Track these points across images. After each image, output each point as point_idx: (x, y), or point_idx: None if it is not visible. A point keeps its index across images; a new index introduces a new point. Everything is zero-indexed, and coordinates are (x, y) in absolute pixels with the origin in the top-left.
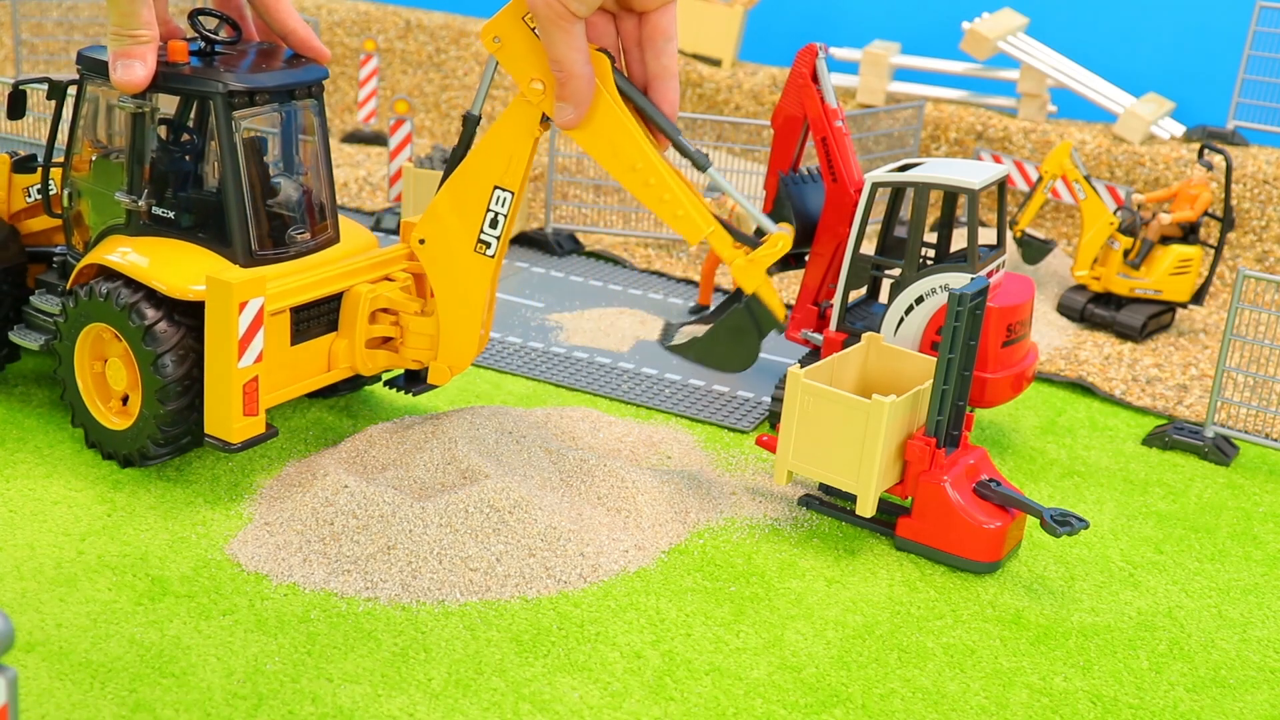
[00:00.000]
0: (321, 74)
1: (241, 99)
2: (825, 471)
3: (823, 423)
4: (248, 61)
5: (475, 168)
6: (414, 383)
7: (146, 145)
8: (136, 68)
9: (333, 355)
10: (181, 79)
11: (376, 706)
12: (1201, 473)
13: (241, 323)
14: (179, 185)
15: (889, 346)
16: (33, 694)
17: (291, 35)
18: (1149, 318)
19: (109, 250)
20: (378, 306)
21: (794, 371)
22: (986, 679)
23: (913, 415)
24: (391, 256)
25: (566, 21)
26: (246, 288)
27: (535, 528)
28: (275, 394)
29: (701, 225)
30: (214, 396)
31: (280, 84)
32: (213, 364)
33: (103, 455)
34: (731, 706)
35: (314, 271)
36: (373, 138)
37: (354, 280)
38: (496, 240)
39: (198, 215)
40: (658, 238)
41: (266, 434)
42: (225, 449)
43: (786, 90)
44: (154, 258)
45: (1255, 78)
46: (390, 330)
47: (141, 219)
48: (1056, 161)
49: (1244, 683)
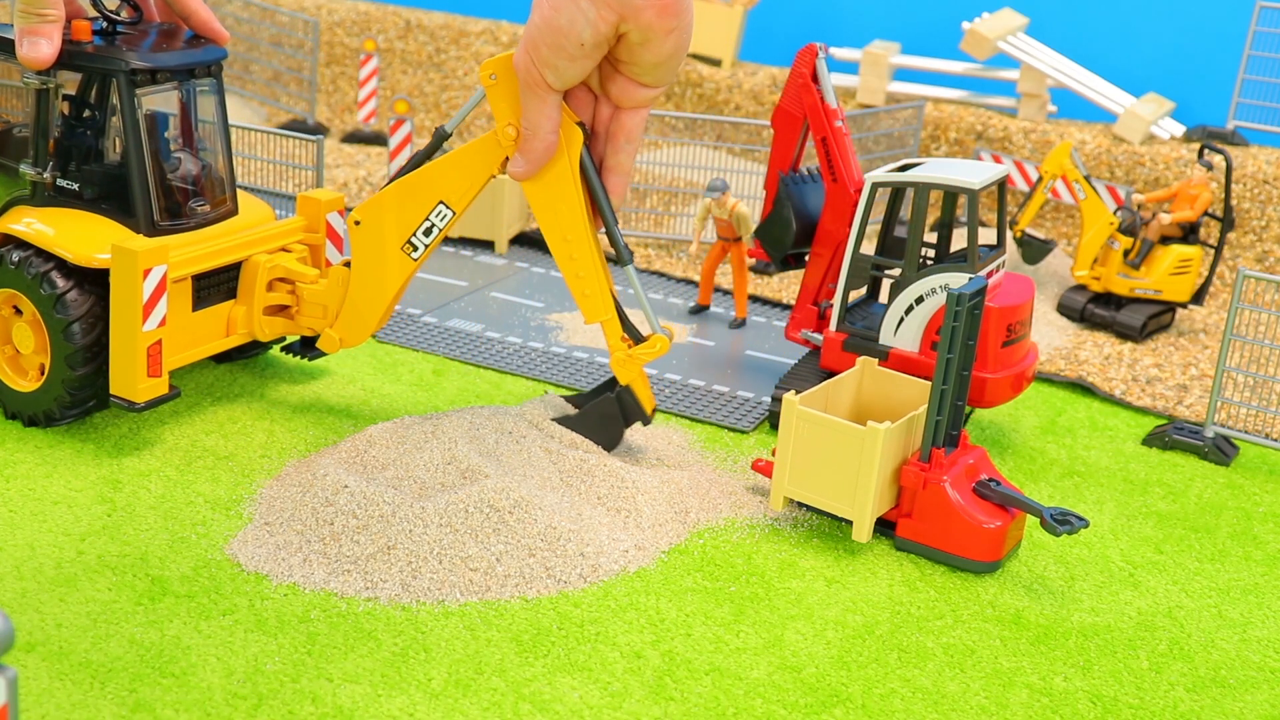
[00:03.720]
0: (220, 54)
1: (144, 77)
2: (821, 497)
3: (818, 449)
4: (149, 41)
5: (430, 178)
6: (308, 349)
7: (51, 120)
8: (43, 45)
9: (232, 321)
10: (85, 57)
11: (376, 706)
12: (1201, 473)
13: (145, 288)
14: (83, 158)
15: (884, 371)
16: (33, 694)
17: (193, 16)
18: (1149, 318)
19: (15, 220)
20: (275, 276)
21: (789, 398)
22: (986, 679)
23: (907, 441)
24: (288, 229)
25: (542, 90)
26: (150, 255)
27: (535, 528)
28: (177, 357)
29: (601, 311)
30: (119, 359)
31: (181, 63)
32: (118, 328)
33: (5, 415)
34: (731, 706)
35: (214, 241)
36: (373, 138)
37: (252, 250)
38: (425, 247)
39: (101, 187)
40: (657, 238)
41: (169, 395)
42: (130, 408)
43: (786, 90)
44: (59, 228)
45: (1255, 78)
46: (286, 299)
47: (47, 190)
48: (1056, 161)
49: (1244, 683)
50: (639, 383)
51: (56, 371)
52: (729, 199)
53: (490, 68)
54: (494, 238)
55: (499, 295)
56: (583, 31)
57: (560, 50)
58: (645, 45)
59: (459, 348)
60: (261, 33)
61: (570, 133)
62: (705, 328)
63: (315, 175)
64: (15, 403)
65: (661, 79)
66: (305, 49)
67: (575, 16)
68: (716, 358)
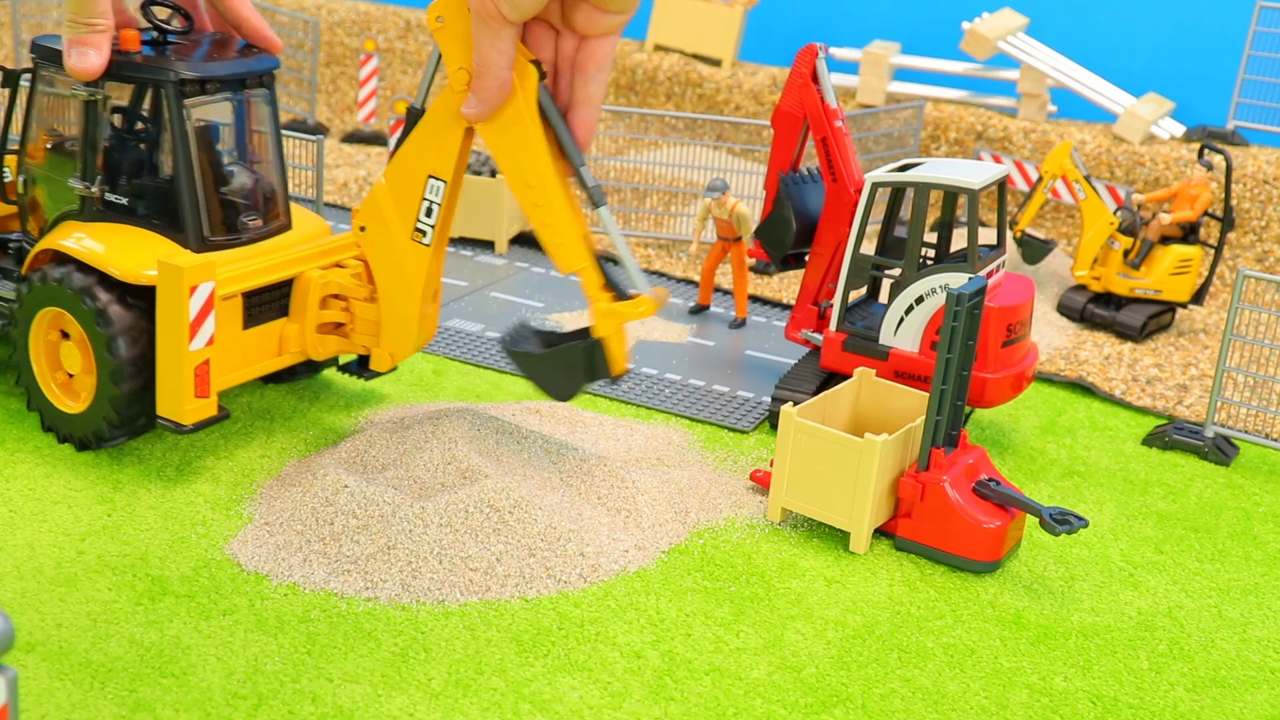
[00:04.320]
0: (273, 64)
1: (193, 87)
2: (819, 508)
3: (816, 461)
4: (200, 51)
5: (410, 157)
6: (366, 368)
7: (100, 133)
8: (91, 56)
9: (284, 340)
10: (134, 67)
11: (376, 706)
12: (1201, 473)
13: (192, 306)
14: (132, 172)
15: (881, 382)
16: (33, 694)
17: (244, 25)
18: (1149, 318)
19: (63, 236)
20: (328, 292)
21: (787, 410)
22: (986, 679)
23: (905, 452)
24: (342, 243)
25: (496, 22)
26: (197, 272)
27: (535, 528)
28: (227, 377)
29: (575, 259)
30: (166, 379)
31: (231, 73)
32: (164, 347)
33: (59, 439)
34: (731, 706)
35: (266, 257)
36: (373, 138)
37: (305, 266)
38: (432, 229)
39: (151, 201)
40: (657, 238)
41: (218, 416)
42: (177, 430)
43: (786, 90)
44: (108, 243)
45: (1255, 78)
46: (340, 316)
47: (95, 205)
48: (1056, 161)
49: (1244, 683)
50: (615, 339)
51: (102, 389)
52: (729, 199)
53: (436, 9)
54: (494, 238)
55: (499, 295)
56: None
57: None
58: None
59: (459, 348)
60: None
61: (524, 71)
62: (705, 328)
63: (315, 175)
64: (66, 425)
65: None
66: (305, 49)
67: None
68: (716, 358)
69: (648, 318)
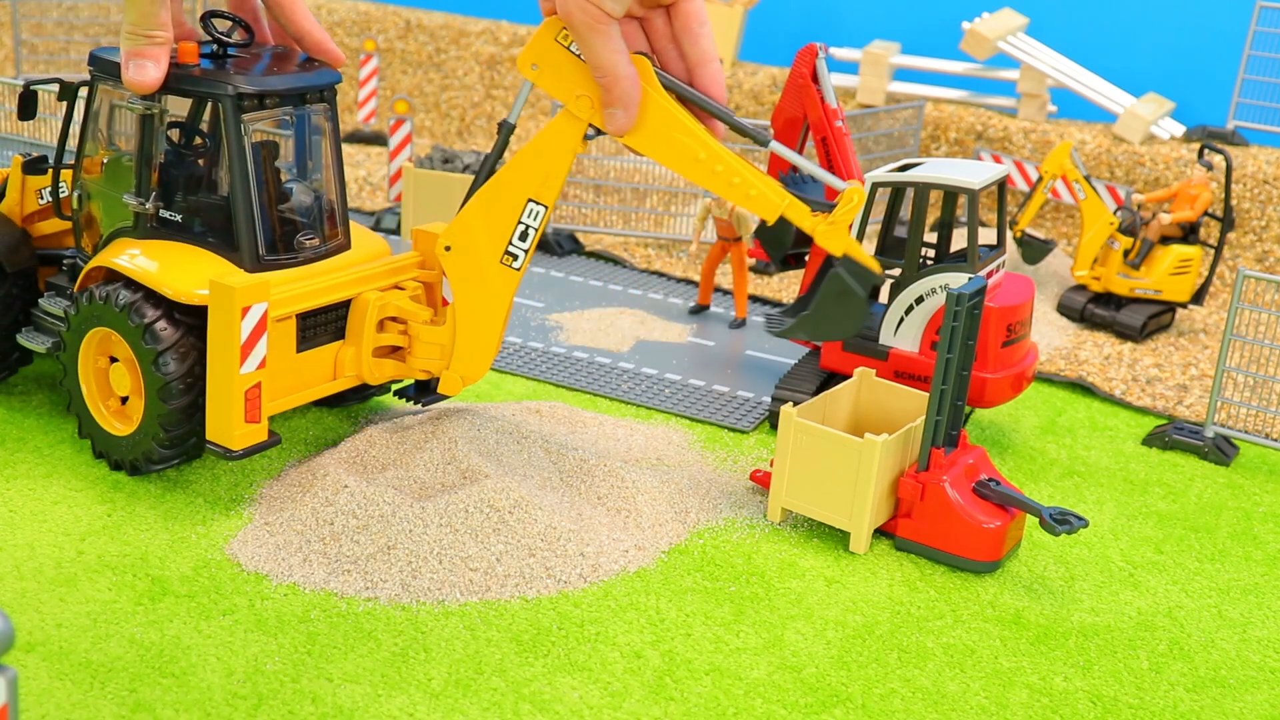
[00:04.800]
0: (334, 78)
1: (251, 102)
2: (819, 509)
3: (816, 461)
4: (260, 65)
5: (511, 179)
6: (424, 393)
7: (155, 147)
8: (150, 68)
9: (339, 363)
10: (191, 81)
11: (376, 706)
12: (1201, 473)
13: (244, 328)
14: (188, 188)
15: (881, 381)
16: (33, 694)
17: (306, 38)
18: (1149, 318)
19: (116, 253)
20: (386, 315)
21: (787, 410)
22: (986, 679)
23: (905, 452)
24: (402, 264)
25: (603, 24)
26: (249, 292)
27: (535, 528)
28: (279, 401)
29: (776, 201)
30: (215, 402)
31: (291, 87)
32: (215, 369)
33: (110, 465)
34: (731, 706)
35: (322, 278)
36: (373, 138)
37: (363, 287)
38: (524, 254)
39: (206, 219)
40: (657, 237)
41: (269, 441)
42: (227, 456)
43: (786, 90)
44: (161, 261)
45: (1255, 78)
46: (398, 339)
47: (150, 222)
48: (1056, 161)
49: (1244, 683)
50: (853, 247)
51: (151, 408)
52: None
53: (528, 58)
54: None
55: None
56: None
57: None
58: None
59: None
60: None
61: (639, 63)
62: (705, 328)
63: None
64: (116, 450)
65: None
66: None
67: None
68: (716, 358)
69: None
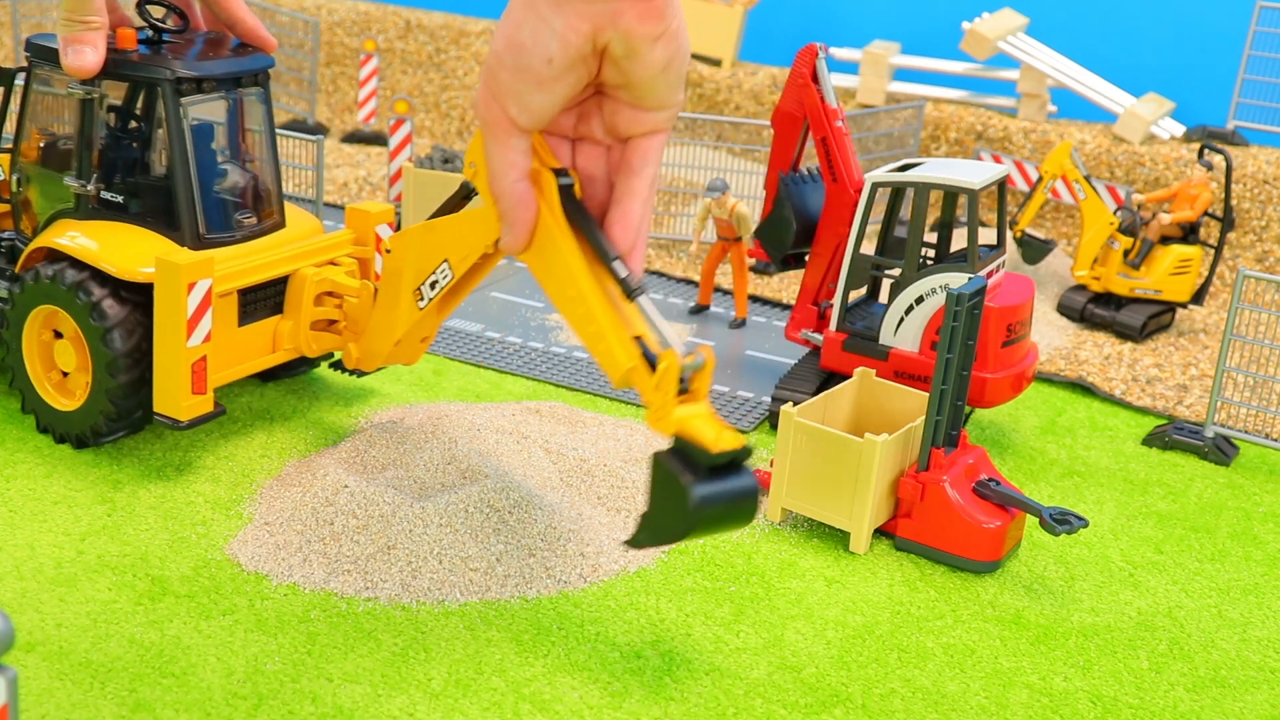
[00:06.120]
0: (267, 62)
1: (189, 86)
2: (819, 509)
3: (816, 461)
4: (195, 49)
5: (443, 232)
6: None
7: (95, 131)
8: (87, 53)
9: (278, 337)
10: (130, 66)
11: (376, 706)
12: (1201, 473)
13: (190, 303)
14: (127, 170)
15: (881, 382)
16: (33, 694)
17: (239, 24)
18: (1149, 318)
19: (58, 234)
20: (322, 289)
21: (787, 410)
22: (986, 679)
23: (905, 452)
24: (336, 241)
25: (503, 129)
26: (195, 269)
27: (535, 528)
28: (222, 374)
29: (623, 362)
30: (163, 375)
31: (227, 72)
32: (162, 343)
33: (55, 439)
34: (731, 706)
35: (261, 255)
36: (373, 138)
37: (300, 264)
38: (429, 299)
39: (146, 199)
40: (657, 238)
41: (215, 412)
42: (174, 426)
43: (786, 90)
44: (103, 241)
45: (1255, 78)
46: (334, 313)
47: (90, 203)
48: (1056, 161)
49: (1244, 683)
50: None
51: (99, 382)
52: (729, 199)
53: (469, 157)
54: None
55: (499, 295)
56: (549, 46)
57: (525, 73)
58: (632, 58)
59: (459, 348)
60: None
61: (543, 179)
62: (705, 328)
63: (315, 175)
64: (62, 424)
65: (665, 98)
66: (305, 49)
67: (539, 29)
68: (717, 358)
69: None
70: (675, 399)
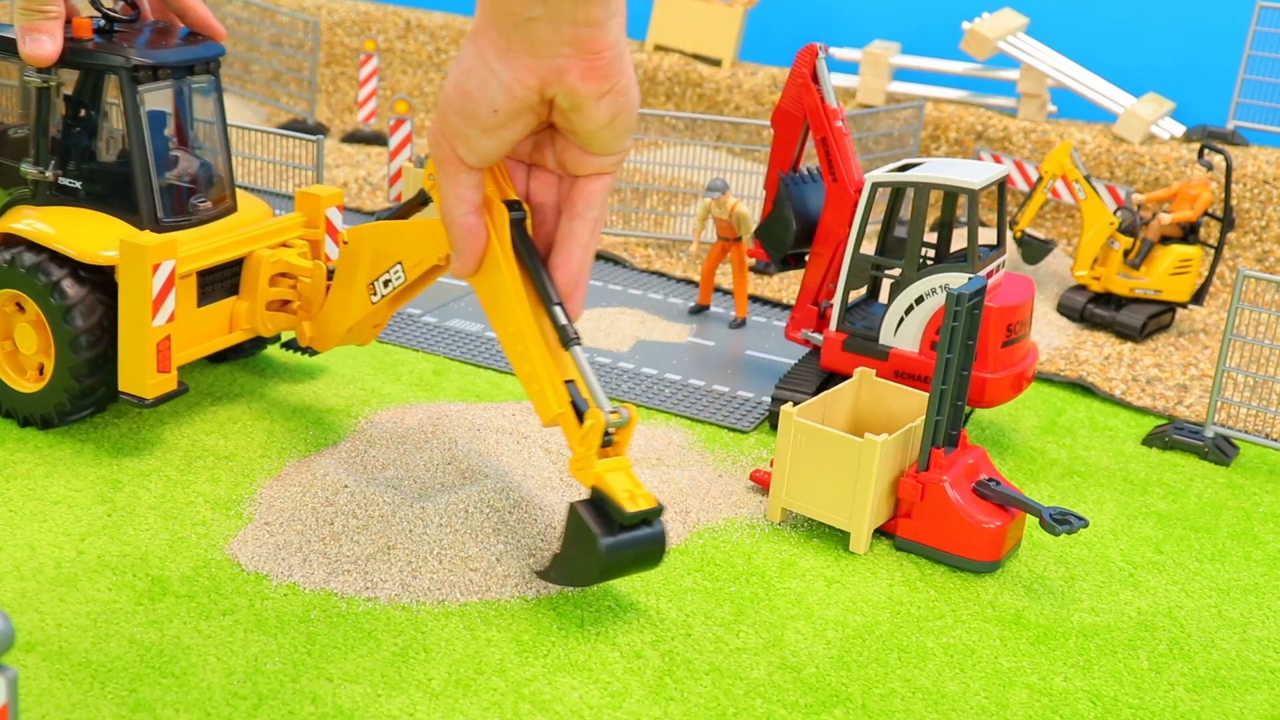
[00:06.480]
0: (219, 51)
1: (145, 73)
2: (819, 509)
3: (816, 461)
4: (145, 38)
5: (400, 234)
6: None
7: (52, 118)
8: (45, 42)
9: (235, 317)
10: (87, 54)
11: (376, 706)
12: (1201, 473)
13: (155, 283)
14: (84, 156)
15: (881, 382)
16: (33, 694)
17: (189, 13)
18: (1149, 318)
19: (16, 220)
20: (277, 270)
21: (787, 410)
22: (986, 679)
23: (905, 452)
24: (288, 224)
25: (454, 168)
26: (159, 250)
27: (535, 528)
28: (183, 353)
29: (554, 407)
30: (128, 355)
31: (181, 60)
32: (127, 324)
33: (19, 423)
34: (731, 706)
35: (216, 237)
36: (373, 138)
37: (254, 246)
38: (381, 296)
39: (103, 185)
40: (657, 238)
41: (178, 390)
42: (139, 404)
43: (786, 90)
44: (61, 226)
45: (1255, 78)
46: (289, 293)
47: (48, 189)
48: (1056, 161)
49: (1244, 683)
50: (606, 478)
51: (62, 361)
52: (729, 199)
53: (429, 169)
54: None
55: None
56: (495, 96)
57: (472, 119)
58: (577, 111)
59: (459, 348)
60: (261, 33)
61: (496, 211)
62: (705, 328)
63: (315, 175)
64: (25, 406)
65: (609, 146)
66: (305, 49)
67: (487, 80)
68: (716, 358)
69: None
70: (597, 453)
